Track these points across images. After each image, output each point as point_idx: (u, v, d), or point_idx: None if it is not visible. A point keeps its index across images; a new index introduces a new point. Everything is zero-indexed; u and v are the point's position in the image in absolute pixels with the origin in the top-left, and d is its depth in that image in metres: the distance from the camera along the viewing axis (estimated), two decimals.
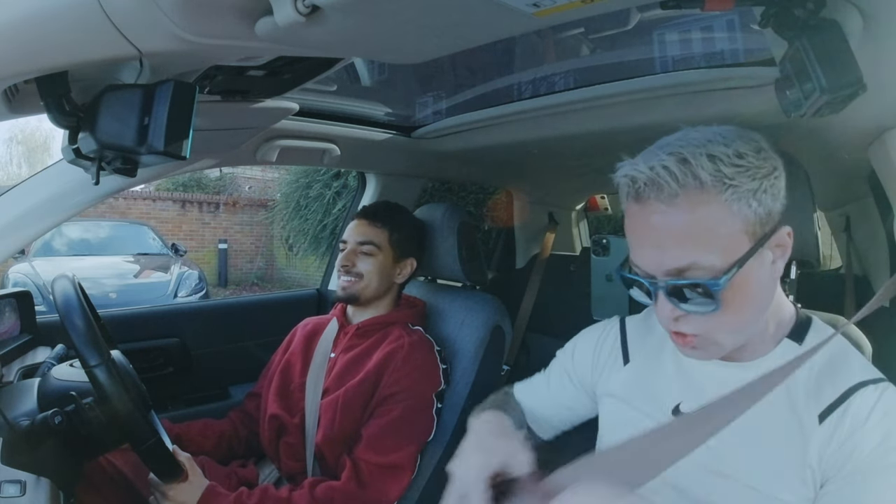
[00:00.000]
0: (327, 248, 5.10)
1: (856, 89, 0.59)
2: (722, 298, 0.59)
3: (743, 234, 0.59)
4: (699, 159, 0.58)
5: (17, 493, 0.67)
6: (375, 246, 1.25)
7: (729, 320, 0.62)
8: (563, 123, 1.26)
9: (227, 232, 8.75)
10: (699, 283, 0.59)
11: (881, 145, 0.90)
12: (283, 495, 1.01)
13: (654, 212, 0.60)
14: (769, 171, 0.60)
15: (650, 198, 0.60)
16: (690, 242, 0.59)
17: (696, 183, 0.58)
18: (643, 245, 0.62)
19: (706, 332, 0.63)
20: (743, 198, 0.58)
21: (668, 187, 0.58)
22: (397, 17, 0.60)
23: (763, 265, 0.62)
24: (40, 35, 0.59)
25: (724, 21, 1.13)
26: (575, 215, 2.40)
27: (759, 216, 0.60)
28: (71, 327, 0.77)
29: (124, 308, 1.54)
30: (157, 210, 8.33)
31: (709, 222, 0.58)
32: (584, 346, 0.88)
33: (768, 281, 0.63)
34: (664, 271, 0.61)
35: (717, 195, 0.58)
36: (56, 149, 11.07)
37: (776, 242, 0.62)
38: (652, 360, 0.79)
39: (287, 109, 1.16)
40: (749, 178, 0.59)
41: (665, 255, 0.60)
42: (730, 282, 0.58)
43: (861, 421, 0.61)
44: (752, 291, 0.62)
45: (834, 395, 0.64)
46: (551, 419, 0.92)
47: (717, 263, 0.59)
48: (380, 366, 1.14)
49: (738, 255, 0.59)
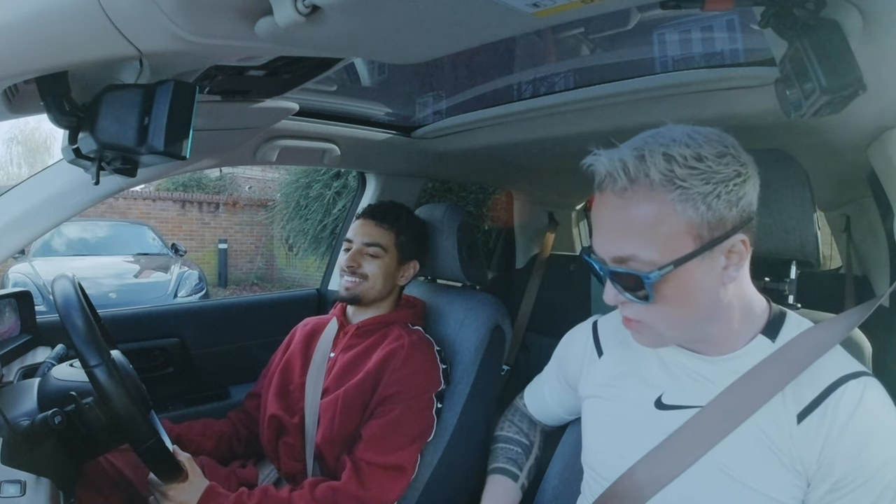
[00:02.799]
0: (327, 248, 5.10)
1: (856, 89, 0.59)
2: (655, 291, 0.63)
3: (686, 235, 0.61)
4: (655, 157, 0.61)
5: (17, 493, 0.67)
6: (381, 248, 1.25)
7: (667, 314, 0.65)
8: (563, 123, 1.26)
9: (227, 232, 8.75)
10: (633, 274, 0.63)
11: (881, 145, 0.90)
12: (283, 495, 1.01)
13: (608, 202, 0.64)
14: (728, 177, 0.61)
15: (607, 189, 0.64)
16: (632, 235, 0.62)
17: (647, 180, 0.61)
18: (597, 232, 0.67)
19: (647, 321, 0.67)
20: (690, 200, 0.60)
21: (620, 180, 0.62)
22: (397, 17, 0.60)
23: (711, 269, 0.63)
24: (40, 35, 0.59)
25: (724, 21, 1.13)
26: (575, 215, 2.40)
27: (708, 220, 0.61)
28: (71, 327, 0.76)
29: (124, 308, 1.54)
30: (157, 210, 8.33)
31: (651, 219, 0.61)
32: (565, 349, 0.94)
33: (714, 285, 0.64)
34: (610, 258, 0.65)
35: (665, 194, 0.60)
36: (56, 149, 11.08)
37: (729, 248, 0.63)
38: (627, 348, 0.81)
39: (287, 109, 1.16)
40: (702, 181, 0.60)
41: (611, 243, 0.65)
42: (664, 278, 0.62)
43: (844, 420, 0.62)
44: (692, 292, 0.64)
45: (812, 394, 0.65)
46: (555, 414, 1.00)
47: (654, 258, 0.62)
48: (379, 366, 1.14)
49: (678, 255, 0.61)
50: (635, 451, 0.73)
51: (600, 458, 0.80)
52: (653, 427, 0.73)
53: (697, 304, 0.65)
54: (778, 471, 0.64)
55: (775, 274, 0.86)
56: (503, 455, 0.99)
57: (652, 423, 0.73)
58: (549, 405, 1.00)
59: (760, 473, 0.65)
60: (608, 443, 0.79)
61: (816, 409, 0.64)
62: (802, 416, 0.64)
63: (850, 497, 0.61)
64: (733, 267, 0.64)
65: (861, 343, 0.80)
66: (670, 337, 0.69)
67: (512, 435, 1.02)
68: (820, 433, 0.63)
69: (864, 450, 0.61)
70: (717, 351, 0.71)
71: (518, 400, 1.08)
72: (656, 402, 0.74)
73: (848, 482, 0.61)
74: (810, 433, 0.63)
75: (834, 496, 0.62)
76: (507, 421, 1.05)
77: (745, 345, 0.70)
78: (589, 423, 0.84)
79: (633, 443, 0.74)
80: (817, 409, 0.64)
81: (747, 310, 0.70)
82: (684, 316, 0.66)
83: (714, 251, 0.62)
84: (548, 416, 1.02)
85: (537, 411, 1.03)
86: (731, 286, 0.66)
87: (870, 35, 0.62)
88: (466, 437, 1.20)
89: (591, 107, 1.18)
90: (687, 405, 0.71)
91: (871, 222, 1.53)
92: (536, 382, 1.04)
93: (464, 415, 1.19)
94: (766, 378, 0.66)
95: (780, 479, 0.64)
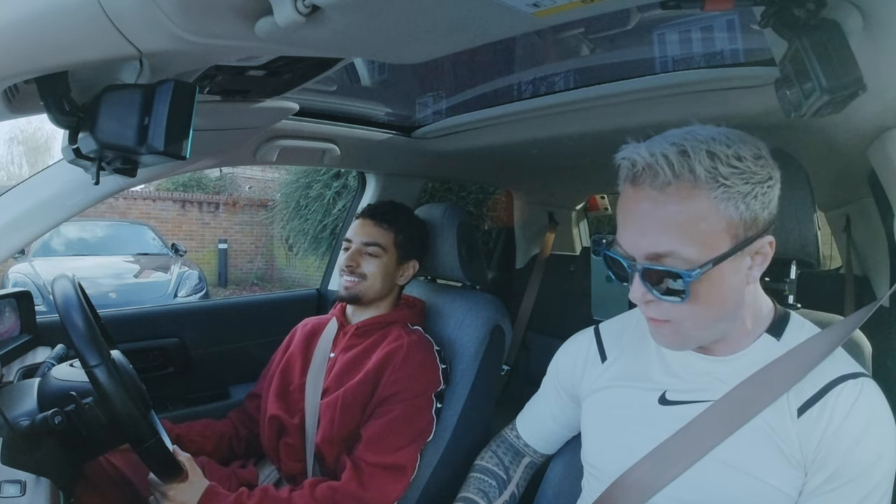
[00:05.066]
0: (327, 248, 5.10)
1: (856, 89, 0.59)
2: (692, 290, 0.61)
3: (725, 234, 0.61)
4: (699, 154, 0.60)
5: (17, 493, 0.67)
6: (381, 247, 1.25)
7: (696, 313, 0.64)
8: (563, 123, 1.26)
9: (227, 232, 8.75)
10: (672, 272, 0.61)
11: (881, 145, 0.90)
12: (284, 496, 1.01)
13: (646, 197, 0.62)
14: (763, 179, 0.62)
15: (644, 183, 0.62)
16: (673, 231, 0.61)
17: (691, 176, 0.60)
18: (629, 227, 0.64)
19: (674, 321, 0.66)
20: (732, 199, 0.60)
21: (663, 175, 0.60)
22: (397, 17, 0.60)
23: (739, 269, 0.64)
24: (40, 35, 0.59)
25: (724, 21, 1.13)
26: (575, 215, 2.40)
27: (745, 220, 0.61)
28: (71, 327, 0.76)
29: (124, 308, 1.54)
30: (157, 210, 8.33)
31: (694, 215, 0.60)
32: (565, 357, 0.92)
33: (740, 285, 0.65)
34: (643, 254, 0.63)
35: (709, 191, 0.60)
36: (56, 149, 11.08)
37: (756, 249, 0.64)
38: (630, 353, 0.81)
39: (287, 109, 1.16)
40: (743, 181, 0.60)
41: (647, 239, 0.62)
42: (702, 276, 0.61)
43: (841, 416, 0.64)
44: (722, 291, 0.63)
45: (813, 389, 0.66)
46: (550, 432, 0.97)
47: (693, 256, 0.60)
48: (379, 366, 1.13)
49: (717, 253, 0.61)
50: (639, 447, 0.73)
51: (602, 455, 0.80)
52: (657, 422, 0.73)
53: (725, 303, 0.65)
54: (780, 461, 0.66)
55: (775, 274, 0.86)
56: (475, 486, 0.96)
57: (656, 418, 0.73)
58: (545, 422, 0.96)
59: (764, 463, 0.66)
60: (611, 439, 0.79)
61: (816, 405, 0.65)
62: (802, 409, 0.66)
63: (842, 490, 0.63)
64: (757, 268, 0.65)
65: (861, 343, 0.80)
66: (694, 337, 0.68)
67: (490, 466, 0.99)
68: (818, 427, 0.64)
69: (857, 446, 0.63)
70: (725, 351, 0.71)
71: (506, 430, 1.04)
72: (660, 399, 0.74)
73: (840, 475, 0.63)
74: (809, 426, 0.65)
75: (827, 488, 0.64)
76: (490, 451, 1.02)
77: (752, 343, 0.71)
78: (589, 420, 0.84)
79: (637, 439, 0.74)
80: (816, 404, 0.65)
81: (757, 310, 0.71)
82: (712, 316, 0.65)
83: (744, 251, 0.63)
84: (543, 437, 0.98)
85: (531, 433, 0.99)
86: (752, 288, 0.67)
87: (870, 35, 0.62)
88: (466, 437, 1.19)
89: (591, 107, 1.18)
90: (692, 400, 0.72)
91: (871, 222, 1.52)
92: (530, 404, 1.01)
93: (464, 415, 1.19)
94: (776, 377, 0.67)
95: (781, 468, 0.66)
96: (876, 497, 0.63)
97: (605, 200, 2.36)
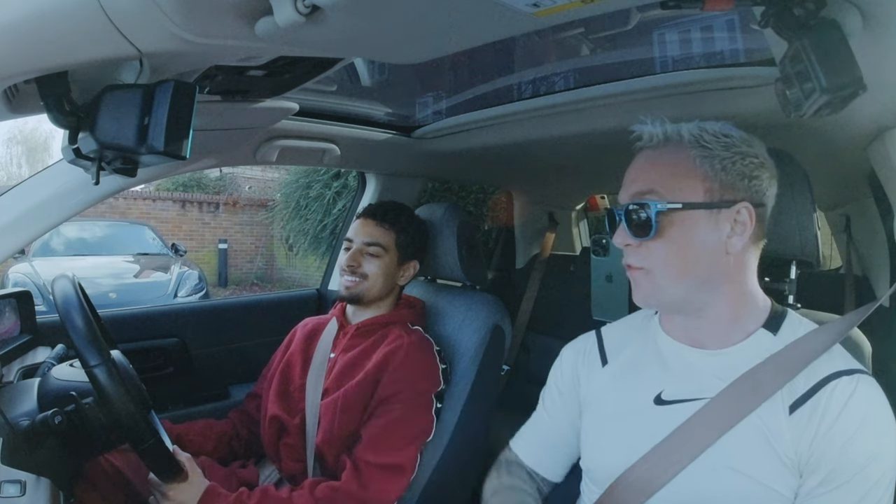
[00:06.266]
0: (327, 248, 5.10)
1: (856, 89, 0.59)
2: (659, 226, 0.69)
3: (699, 185, 0.69)
4: (690, 126, 0.72)
5: (17, 493, 0.67)
6: (382, 248, 1.25)
7: (667, 259, 0.70)
8: (563, 123, 1.26)
9: (227, 232, 8.75)
10: (644, 203, 0.70)
11: (881, 145, 0.90)
12: (284, 496, 1.01)
13: (642, 155, 0.75)
14: (746, 154, 0.70)
15: (644, 147, 0.74)
16: (654, 172, 0.72)
17: (678, 137, 0.71)
18: (625, 182, 0.75)
19: (647, 269, 0.71)
20: (709, 157, 0.69)
21: (656, 138, 0.73)
22: (397, 17, 0.60)
23: (715, 229, 0.69)
24: (40, 35, 0.59)
25: (724, 21, 1.13)
26: (575, 215, 2.40)
27: (721, 180, 0.69)
28: (71, 327, 0.76)
29: (124, 308, 1.55)
30: (157, 210, 8.33)
31: (674, 163, 0.71)
32: (567, 360, 0.91)
33: (715, 247, 0.69)
34: (630, 195, 0.73)
35: (690, 149, 0.70)
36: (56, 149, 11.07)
37: (734, 216, 0.69)
38: (632, 359, 0.81)
39: (287, 109, 1.16)
40: (723, 147, 0.69)
41: (635, 183, 0.73)
42: (670, 216, 0.69)
43: (834, 414, 0.63)
44: (693, 243, 0.69)
45: (805, 386, 0.66)
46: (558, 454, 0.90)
47: (668, 197, 0.69)
48: (379, 366, 1.13)
49: (689, 199, 0.69)
50: (635, 448, 0.73)
51: (599, 458, 0.80)
52: (653, 424, 0.73)
53: (697, 258, 0.69)
54: (774, 461, 0.65)
55: (775, 274, 0.86)
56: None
57: (652, 419, 0.73)
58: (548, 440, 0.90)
59: (758, 463, 0.65)
60: (607, 443, 0.79)
61: (808, 402, 0.65)
62: (794, 407, 0.65)
63: (838, 492, 0.62)
64: (737, 237, 0.69)
65: (861, 343, 0.80)
66: (668, 292, 0.71)
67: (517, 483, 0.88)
68: (811, 426, 0.64)
69: (851, 445, 0.62)
70: (717, 343, 0.72)
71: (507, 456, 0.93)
72: (655, 399, 0.74)
73: (835, 477, 0.62)
74: (801, 425, 0.64)
75: (823, 489, 0.63)
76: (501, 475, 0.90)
77: (746, 338, 0.71)
78: (587, 426, 0.83)
79: (633, 441, 0.74)
80: (808, 401, 0.65)
81: (751, 301, 0.72)
82: (683, 268, 0.69)
83: (721, 213, 0.68)
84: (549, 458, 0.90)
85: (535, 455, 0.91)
86: (735, 263, 0.70)
87: (870, 35, 0.62)
88: (466, 437, 1.19)
89: (591, 107, 1.18)
90: (687, 398, 0.72)
91: (871, 222, 1.52)
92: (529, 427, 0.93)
93: (464, 415, 1.19)
94: (771, 373, 0.67)
95: (776, 468, 0.65)
96: (874, 497, 0.62)
97: (605, 200, 2.36)
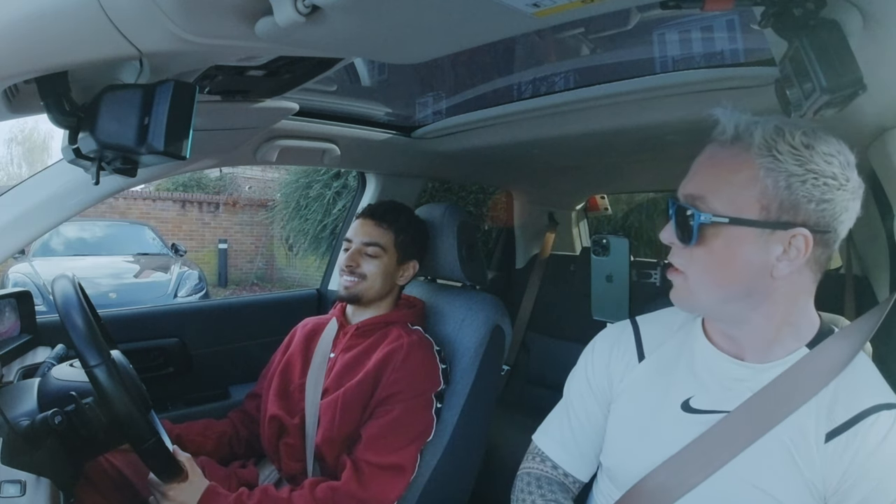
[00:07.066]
0: (327, 248, 5.10)
1: (856, 89, 0.59)
2: (700, 235, 0.64)
3: (755, 202, 0.62)
4: (767, 125, 0.63)
5: (17, 493, 0.67)
6: (381, 248, 1.25)
7: (705, 269, 0.66)
8: (563, 123, 1.26)
9: (227, 232, 8.75)
10: (689, 208, 0.65)
11: (881, 145, 0.90)
12: (284, 496, 1.01)
13: (709, 150, 0.68)
14: (822, 173, 0.61)
15: (715, 138, 0.67)
16: (711, 177, 0.66)
17: (749, 139, 0.63)
18: (689, 171, 0.69)
19: (685, 273, 0.68)
20: (776, 172, 0.61)
21: (728, 132, 0.65)
22: (397, 17, 0.60)
23: (763, 250, 0.63)
24: (40, 35, 0.59)
25: (724, 21, 1.13)
26: (575, 215, 2.40)
27: (781, 199, 0.62)
28: (71, 327, 0.76)
29: (124, 308, 1.55)
30: (157, 210, 8.33)
31: (735, 169, 0.64)
32: (601, 350, 0.86)
33: (761, 267, 0.64)
34: (684, 194, 0.68)
35: (758, 157, 0.62)
36: (56, 149, 11.06)
37: (790, 239, 0.63)
38: (666, 358, 0.79)
39: (287, 109, 1.16)
40: (796, 163, 0.61)
41: (692, 181, 0.68)
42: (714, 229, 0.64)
43: (872, 447, 0.61)
44: (736, 258, 0.64)
45: (845, 416, 0.63)
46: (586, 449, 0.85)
47: (717, 207, 0.64)
48: (379, 366, 1.13)
49: (739, 215, 0.63)
50: (658, 453, 0.72)
51: (620, 458, 0.79)
52: (678, 430, 0.71)
53: (737, 274, 0.65)
54: (799, 484, 0.63)
55: None
56: None
57: (677, 426, 0.72)
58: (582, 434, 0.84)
59: (783, 484, 0.64)
60: (630, 444, 0.77)
61: (846, 432, 0.63)
62: (831, 435, 0.63)
63: None
64: (787, 262, 0.63)
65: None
66: (701, 300, 0.69)
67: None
68: (846, 455, 0.62)
69: (886, 479, 0.60)
70: (755, 357, 0.70)
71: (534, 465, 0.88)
72: (683, 405, 0.73)
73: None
74: (837, 453, 0.62)
75: None
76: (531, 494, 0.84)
77: (787, 356, 0.68)
78: (613, 422, 0.81)
79: (657, 446, 0.72)
80: (847, 431, 0.63)
81: (797, 322, 0.69)
82: (721, 281, 0.66)
83: (775, 234, 0.62)
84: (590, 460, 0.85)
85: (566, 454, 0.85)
86: (783, 286, 0.65)
87: (870, 35, 0.62)
88: (466, 437, 1.19)
89: (591, 107, 1.18)
90: (716, 410, 0.70)
91: (871, 222, 1.52)
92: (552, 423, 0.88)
93: (464, 415, 1.19)
94: (796, 384, 0.65)
95: (799, 492, 0.63)
96: None
97: (605, 200, 2.35)
